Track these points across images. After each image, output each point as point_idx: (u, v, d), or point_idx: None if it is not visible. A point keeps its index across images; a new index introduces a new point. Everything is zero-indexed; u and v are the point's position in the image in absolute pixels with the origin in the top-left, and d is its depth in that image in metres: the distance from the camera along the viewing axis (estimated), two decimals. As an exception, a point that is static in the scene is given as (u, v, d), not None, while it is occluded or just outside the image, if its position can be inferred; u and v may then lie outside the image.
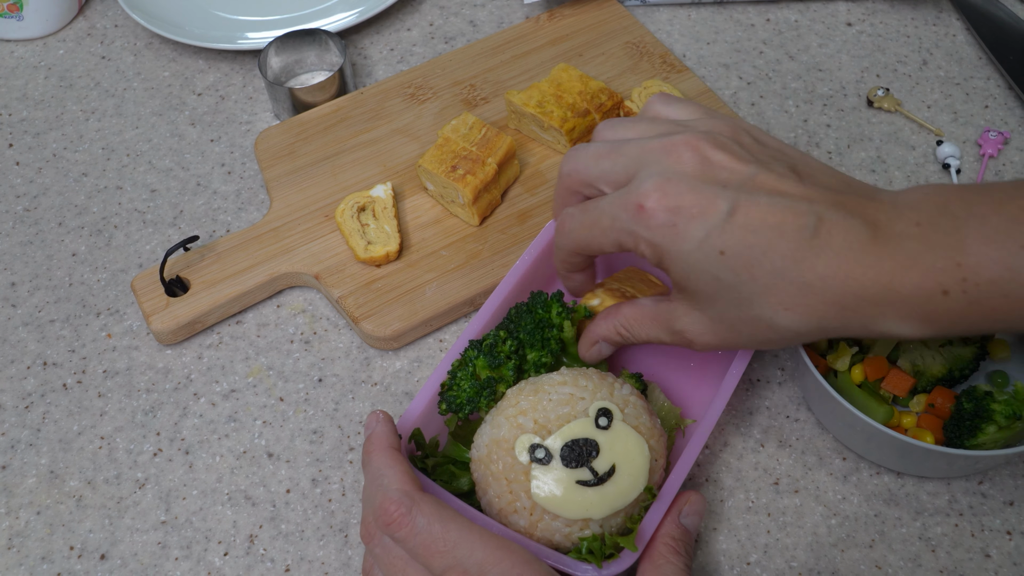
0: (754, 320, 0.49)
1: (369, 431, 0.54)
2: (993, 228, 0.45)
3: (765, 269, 0.47)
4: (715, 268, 0.48)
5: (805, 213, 0.47)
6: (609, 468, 0.50)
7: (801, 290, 0.47)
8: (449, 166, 0.69)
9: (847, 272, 0.46)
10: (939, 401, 0.59)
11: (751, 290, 0.48)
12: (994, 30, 0.83)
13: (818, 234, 0.46)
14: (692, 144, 0.49)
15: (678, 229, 0.48)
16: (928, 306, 0.46)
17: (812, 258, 0.46)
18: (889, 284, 0.46)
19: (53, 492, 0.62)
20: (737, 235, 0.47)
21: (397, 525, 0.48)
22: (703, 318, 0.51)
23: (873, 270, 0.46)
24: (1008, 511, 0.59)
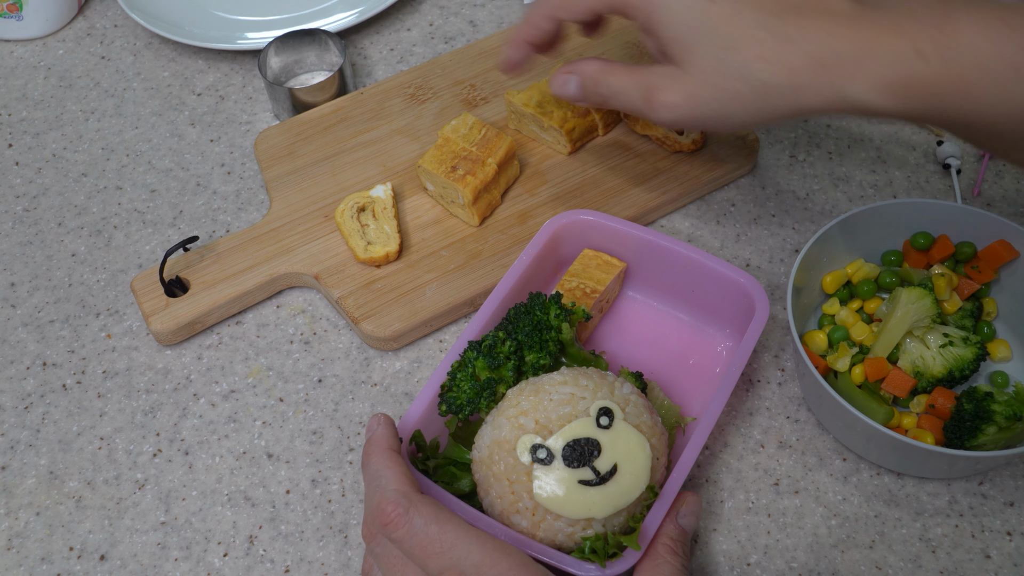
0: (729, 70, 0.50)
1: (370, 433, 0.54)
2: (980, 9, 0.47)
3: (747, 19, 0.50)
4: (700, 13, 0.51)
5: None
6: (611, 467, 0.50)
7: (779, 41, 0.49)
8: (449, 166, 0.69)
9: (826, 28, 0.48)
10: (939, 402, 0.59)
11: (730, 37, 0.50)
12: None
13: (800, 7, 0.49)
14: None
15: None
16: (902, 68, 0.47)
17: (794, 13, 0.49)
18: (866, 43, 0.48)
19: (53, 493, 0.62)
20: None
21: (394, 526, 0.48)
22: (678, 73, 0.53)
23: (853, 30, 0.48)
24: (1008, 512, 0.59)
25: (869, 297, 0.64)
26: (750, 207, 0.73)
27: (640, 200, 0.71)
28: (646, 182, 0.72)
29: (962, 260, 0.64)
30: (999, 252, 0.62)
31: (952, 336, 0.61)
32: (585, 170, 0.74)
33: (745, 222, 0.72)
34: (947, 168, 0.75)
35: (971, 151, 0.77)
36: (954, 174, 0.74)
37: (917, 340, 0.61)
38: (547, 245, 0.64)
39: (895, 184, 0.74)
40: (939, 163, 0.76)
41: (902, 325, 0.60)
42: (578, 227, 0.65)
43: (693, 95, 0.52)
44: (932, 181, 0.75)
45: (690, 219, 0.73)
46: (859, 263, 0.65)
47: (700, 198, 0.74)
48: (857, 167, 0.76)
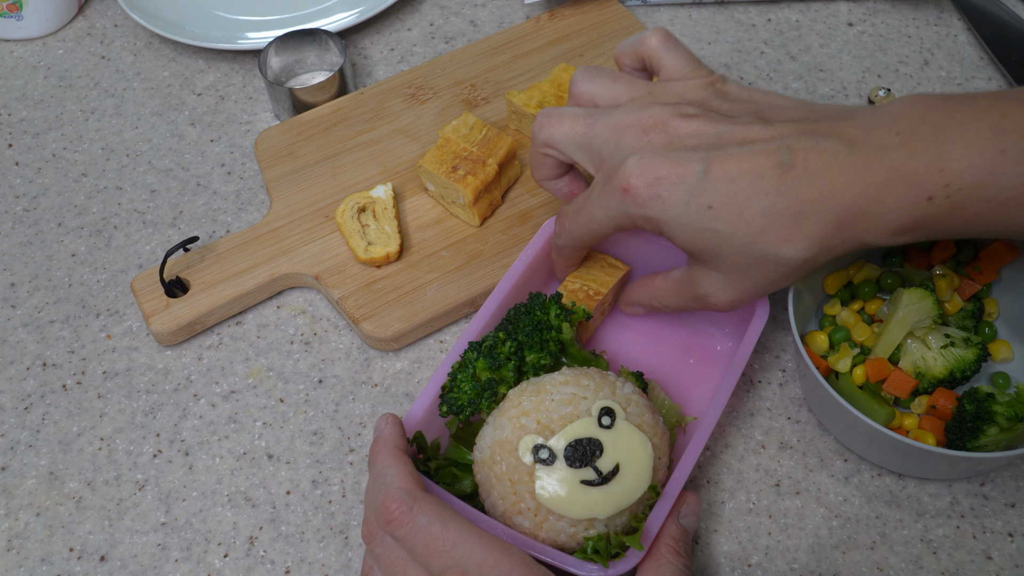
0: (761, 260, 0.51)
1: (378, 433, 0.54)
2: (974, 135, 0.46)
3: (754, 211, 0.50)
4: (708, 222, 0.51)
5: (776, 150, 0.50)
6: (613, 467, 0.50)
7: (795, 220, 0.49)
8: (450, 167, 0.69)
9: (832, 191, 0.48)
10: (941, 402, 0.59)
11: (748, 233, 0.50)
12: (995, 30, 0.83)
13: (794, 164, 0.49)
14: (659, 123, 0.53)
15: (663, 198, 0.51)
16: (914, 213, 0.48)
17: (795, 187, 0.49)
18: (875, 196, 0.48)
19: (53, 493, 0.62)
20: (718, 187, 0.50)
21: (398, 523, 0.48)
22: (718, 276, 0.54)
23: (857, 184, 0.48)
24: (1010, 513, 0.59)
25: (870, 298, 0.64)
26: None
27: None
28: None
29: (963, 261, 0.64)
30: (1000, 252, 0.62)
31: (953, 337, 0.61)
32: (586, 170, 0.73)
33: (746, 222, 0.72)
34: (948, 168, 0.75)
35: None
36: (955, 174, 0.74)
37: (918, 341, 0.61)
38: (546, 245, 0.64)
39: (896, 184, 0.74)
40: (940, 163, 0.76)
41: (903, 326, 0.60)
42: (579, 227, 0.65)
43: (741, 289, 0.54)
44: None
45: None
46: (860, 264, 0.65)
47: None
48: (858, 167, 0.76)
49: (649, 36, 0.58)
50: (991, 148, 0.46)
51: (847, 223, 0.49)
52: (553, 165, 0.60)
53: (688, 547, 0.53)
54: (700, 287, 0.55)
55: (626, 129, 0.54)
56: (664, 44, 0.57)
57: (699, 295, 0.56)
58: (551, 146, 0.58)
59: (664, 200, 0.51)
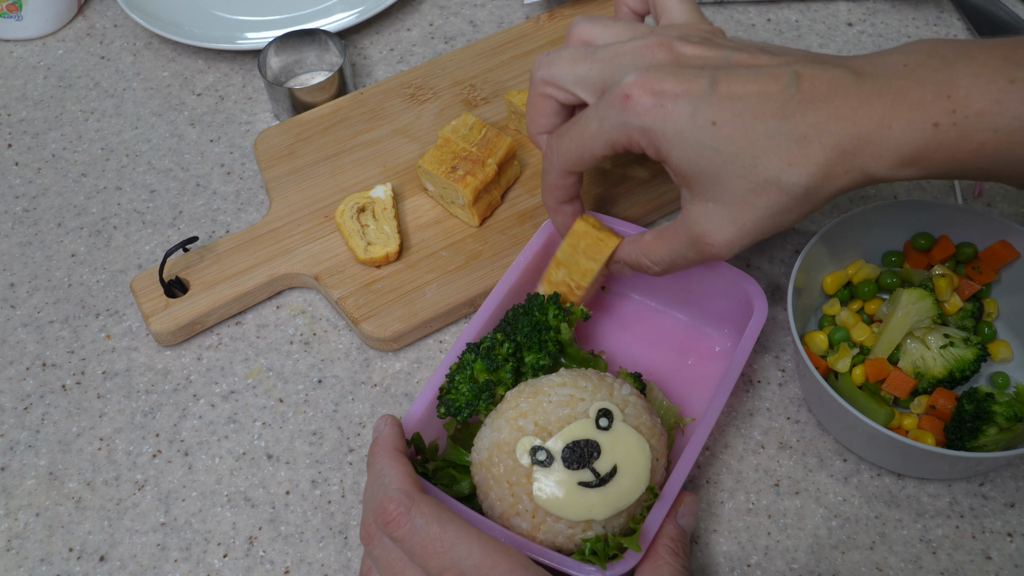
0: (764, 186, 0.49)
1: (377, 434, 0.54)
2: (982, 64, 0.46)
3: (759, 131, 0.48)
4: (711, 140, 0.49)
5: (783, 73, 0.49)
6: (611, 469, 0.50)
7: (799, 143, 0.48)
8: (449, 167, 0.69)
9: (838, 115, 0.48)
10: (940, 402, 0.59)
11: (752, 154, 0.49)
12: (995, 30, 0.83)
13: (801, 87, 0.48)
14: (664, 43, 0.52)
15: (666, 109, 0.49)
16: (920, 141, 0.47)
17: (801, 110, 0.48)
18: (881, 120, 0.47)
19: (52, 494, 0.62)
20: (724, 105, 0.49)
21: (396, 524, 0.48)
22: (716, 208, 0.51)
23: (864, 108, 0.47)
24: (1009, 513, 0.59)
25: (870, 298, 0.64)
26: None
27: (641, 200, 0.71)
28: (647, 182, 0.72)
29: (963, 261, 0.64)
30: (1000, 253, 0.62)
31: (953, 337, 0.61)
32: (585, 170, 0.73)
33: (745, 222, 0.72)
34: (948, 168, 0.75)
35: (972, 151, 0.77)
36: (955, 174, 0.74)
37: (918, 341, 0.61)
38: (545, 246, 0.64)
39: (895, 184, 0.74)
40: (940, 163, 0.75)
41: (903, 326, 0.60)
42: (578, 227, 0.65)
43: (740, 223, 0.51)
44: (933, 181, 0.74)
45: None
46: (860, 264, 0.65)
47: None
48: (858, 167, 0.76)
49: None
50: (1000, 78, 0.45)
51: (851, 149, 0.48)
52: (552, 110, 0.57)
53: (686, 548, 0.53)
54: (696, 225, 0.52)
55: (628, 52, 0.52)
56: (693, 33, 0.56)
57: (695, 235, 0.53)
58: (550, 83, 0.55)
59: (667, 112, 0.49)
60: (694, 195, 0.52)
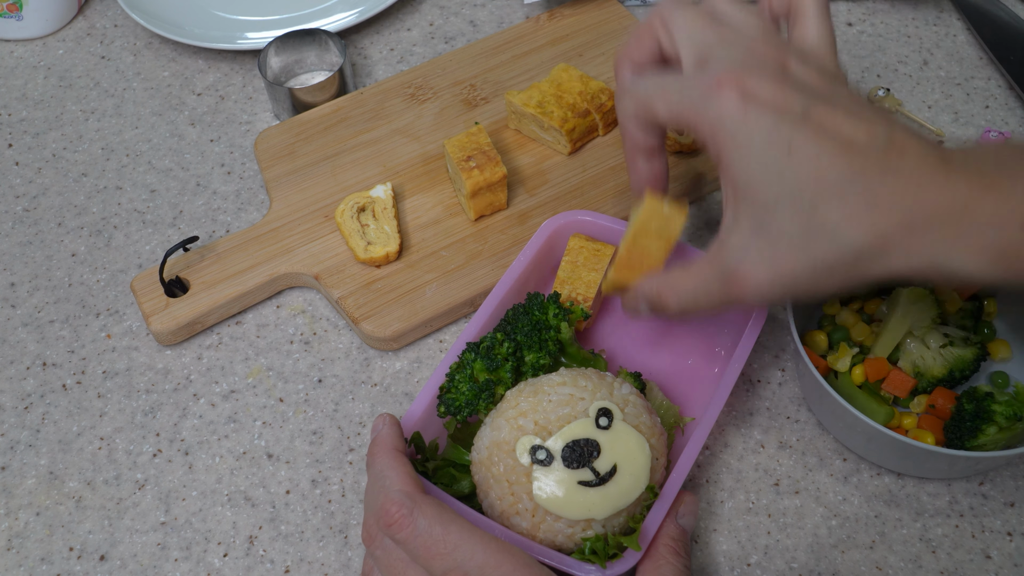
0: (815, 232, 0.45)
1: (375, 433, 0.53)
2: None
3: (832, 175, 0.44)
4: (781, 163, 0.45)
5: (878, 132, 0.45)
6: (611, 468, 0.50)
7: (868, 202, 0.44)
8: (465, 156, 0.69)
9: (917, 188, 0.44)
10: (940, 402, 0.59)
11: (815, 196, 0.45)
12: (995, 30, 0.83)
13: (889, 151, 0.45)
14: (782, 52, 0.49)
15: (749, 116, 0.46)
16: (1003, 238, 0.43)
17: (882, 172, 0.44)
18: (963, 206, 0.43)
19: (52, 493, 0.62)
20: (809, 134, 0.45)
21: (398, 526, 0.48)
22: (758, 243, 0.47)
23: (946, 190, 0.43)
24: (1009, 512, 0.59)
25: (869, 297, 0.64)
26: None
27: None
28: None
29: (962, 260, 0.64)
30: (999, 252, 0.62)
31: (952, 336, 0.61)
32: (585, 170, 0.74)
33: (745, 222, 0.72)
34: (947, 168, 0.75)
35: (972, 151, 0.77)
36: (954, 174, 0.74)
37: (917, 340, 0.61)
38: (544, 246, 0.64)
39: (895, 184, 0.74)
40: (939, 163, 0.76)
41: (902, 325, 0.60)
42: (576, 228, 0.65)
43: (779, 267, 0.46)
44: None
45: (690, 219, 0.73)
46: (859, 263, 0.65)
47: (701, 198, 0.74)
48: (857, 167, 0.76)
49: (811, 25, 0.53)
50: None
51: (920, 226, 0.44)
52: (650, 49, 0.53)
53: (687, 547, 0.53)
54: (732, 256, 0.48)
55: (743, 44, 0.49)
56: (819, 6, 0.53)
57: (728, 268, 0.48)
58: (664, 24, 0.52)
59: (748, 117, 0.45)
60: (738, 218, 0.48)
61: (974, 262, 0.44)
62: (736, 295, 0.49)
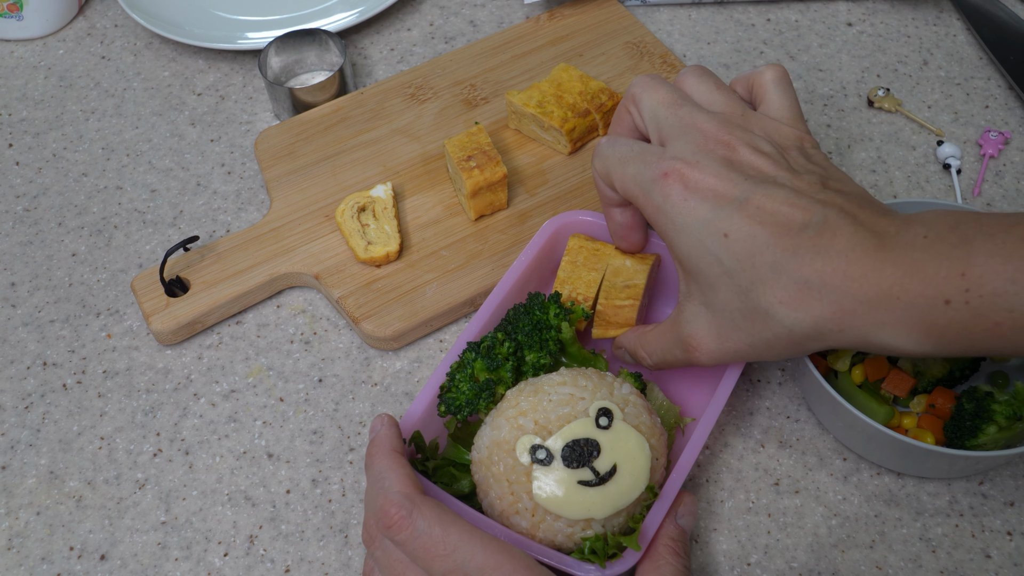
0: (753, 313, 0.50)
1: (373, 434, 0.53)
2: (1000, 243, 0.45)
3: (766, 259, 0.48)
4: (717, 248, 0.50)
5: (813, 213, 0.48)
6: (610, 468, 0.50)
7: (799, 286, 0.48)
8: (466, 155, 0.69)
9: (846, 273, 0.47)
10: (939, 401, 0.59)
11: (751, 279, 0.49)
12: (995, 30, 0.83)
13: (822, 234, 0.48)
14: (733, 142, 0.52)
15: (689, 205, 0.50)
16: (929, 316, 0.46)
17: (812, 255, 0.48)
18: (889, 290, 0.46)
19: (53, 492, 0.62)
20: (743, 221, 0.49)
21: (397, 528, 0.48)
22: (706, 315, 0.52)
23: (874, 274, 0.46)
24: (1009, 512, 0.59)
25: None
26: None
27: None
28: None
29: (962, 260, 0.64)
30: (999, 252, 0.62)
31: (952, 336, 0.61)
32: (585, 170, 0.74)
33: (745, 222, 0.72)
34: (947, 168, 0.75)
35: (971, 151, 0.77)
36: (954, 174, 0.74)
37: (917, 340, 0.61)
38: (546, 246, 0.64)
39: (895, 184, 0.74)
40: (939, 163, 0.76)
41: (902, 325, 0.60)
42: (577, 228, 0.65)
43: (723, 341, 0.52)
44: (932, 181, 0.75)
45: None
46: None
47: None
48: (857, 167, 0.76)
49: (766, 70, 0.57)
50: (1016, 257, 0.44)
51: (850, 311, 0.47)
52: (628, 124, 0.58)
53: (686, 547, 0.53)
54: (687, 325, 0.53)
55: (700, 130, 0.53)
56: (777, 82, 0.56)
57: (683, 336, 0.54)
58: (635, 104, 0.56)
59: (688, 207, 0.50)
60: (689, 290, 0.53)
61: (904, 339, 0.47)
62: (693, 358, 0.54)
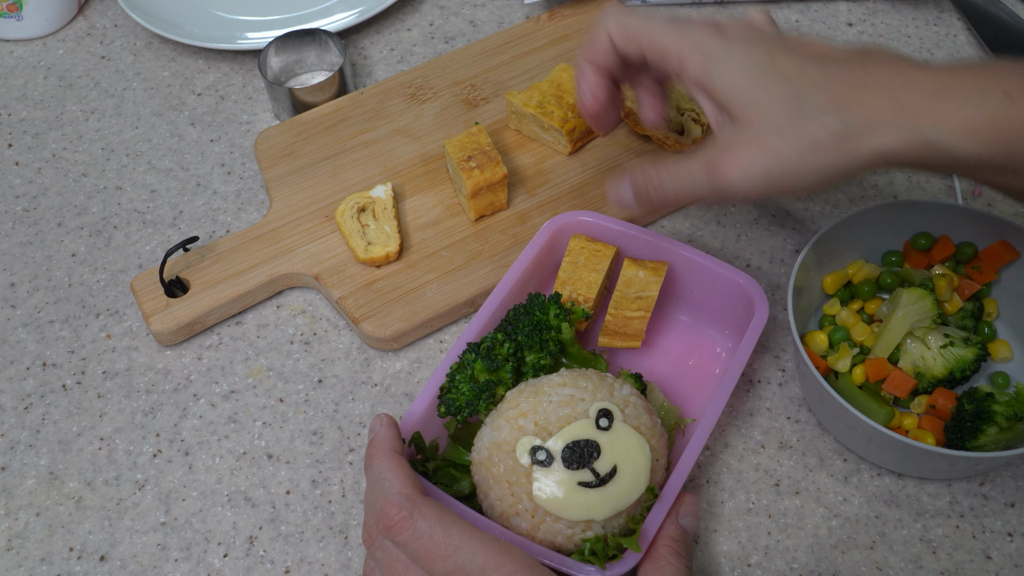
0: (804, 114, 0.47)
1: (372, 434, 0.53)
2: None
3: (815, 71, 0.48)
4: (763, 69, 0.48)
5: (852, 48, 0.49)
6: (611, 469, 0.50)
7: (854, 86, 0.47)
8: (466, 155, 0.69)
9: (900, 69, 0.47)
10: (940, 402, 0.59)
11: (802, 88, 0.47)
12: (995, 30, 0.83)
13: (867, 55, 0.48)
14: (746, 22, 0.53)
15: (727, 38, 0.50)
16: (988, 110, 0.45)
17: (863, 64, 0.48)
18: (945, 82, 0.46)
19: (52, 493, 0.62)
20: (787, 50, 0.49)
21: (398, 529, 0.48)
22: (747, 131, 0.49)
23: (928, 75, 0.46)
24: (1009, 512, 0.59)
25: (870, 298, 0.64)
26: (750, 207, 0.73)
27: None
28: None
29: (963, 260, 0.64)
30: (1000, 252, 0.62)
31: (953, 337, 0.61)
32: (585, 170, 0.73)
33: (745, 223, 0.72)
34: (948, 168, 0.75)
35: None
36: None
37: (918, 341, 0.61)
38: (546, 246, 0.64)
39: (896, 184, 0.74)
40: (940, 163, 0.75)
41: (903, 326, 0.60)
42: (577, 228, 0.65)
43: (766, 149, 0.48)
44: (933, 181, 0.74)
45: (690, 220, 0.73)
46: (860, 263, 0.65)
47: (700, 198, 0.74)
48: (858, 167, 0.76)
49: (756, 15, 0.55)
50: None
51: (910, 104, 0.46)
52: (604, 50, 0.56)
53: (688, 548, 0.53)
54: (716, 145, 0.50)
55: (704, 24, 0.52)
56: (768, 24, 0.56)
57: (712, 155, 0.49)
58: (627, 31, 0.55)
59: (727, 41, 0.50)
60: (727, 116, 0.50)
61: (960, 136, 0.45)
62: (717, 179, 0.49)
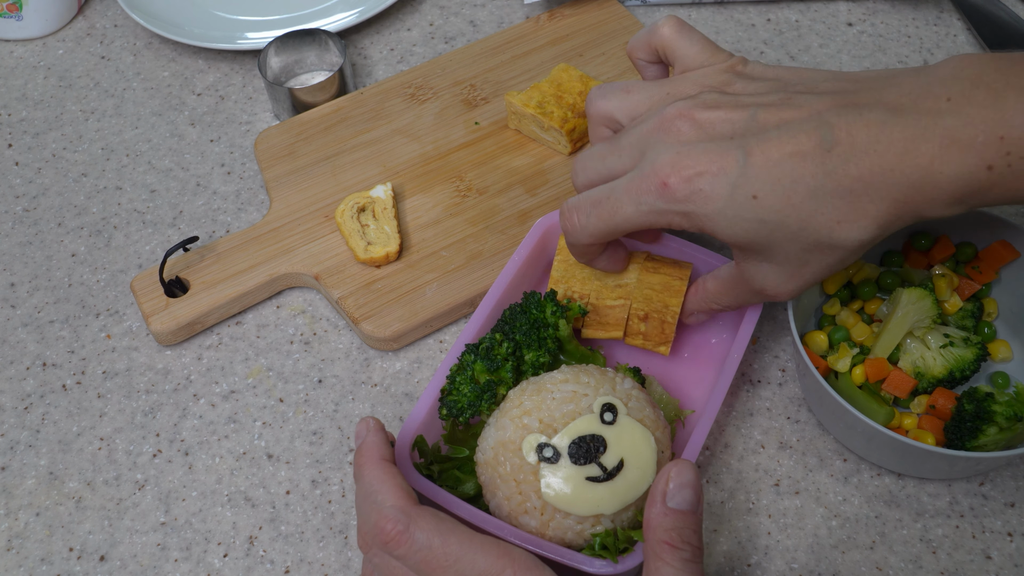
0: (815, 247, 0.49)
1: (359, 440, 0.51)
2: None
3: (802, 195, 0.47)
4: (755, 213, 0.48)
5: (815, 128, 0.47)
6: (617, 462, 0.50)
7: (846, 200, 0.47)
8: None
9: (884, 166, 0.46)
10: (940, 402, 0.59)
11: (798, 219, 0.48)
12: (995, 30, 0.83)
13: (838, 140, 0.46)
14: (684, 114, 0.51)
15: (704, 193, 0.49)
16: (973, 183, 0.45)
17: (843, 165, 0.46)
18: (930, 167, 0.45)
19: (52, 493, 0.62)
20: (761, 175, 0.47)
21: (395, 543, 0.46)
22: (772, 268, 0.52)
23: (911, 155, 0.45)
24: (1009, 512, 0.59)
25: (870, 298, 0.64)
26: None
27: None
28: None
29: (963, 260, 0.64)
30: (1000, 252, 0.62)
31: (953, 336, 0.61)
32: (585, 170, 0.73)
33: (745, 222, 0.72)
34: (947, 168, 0.75)
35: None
36: (954, 174, 0.74)
37: (918, 340, 0.61)
38: (537, 245, 0.64)
39: (895, 184, 0.74)
40: (939, 163, 0.76)
41: (903, 325, 0.60)
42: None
43: (798, 277, 0.51)
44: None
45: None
46: (860, 263, 0.65)
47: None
48: (857, 167, 0.76)
49: (661, 26, 0.56)
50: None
51: (903, 199, 0.46)
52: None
53: (690, 532, 0.46)
54: (755, 281, 0.53)
55: (652, 133, 0.52)
56: (678, 32, 0.55)
57: (758, 289, 0.53)
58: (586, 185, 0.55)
59: (705, 195, 0.48)
60: (747, 256, 0.52)
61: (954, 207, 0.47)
62: (773, 299, 0.54)
